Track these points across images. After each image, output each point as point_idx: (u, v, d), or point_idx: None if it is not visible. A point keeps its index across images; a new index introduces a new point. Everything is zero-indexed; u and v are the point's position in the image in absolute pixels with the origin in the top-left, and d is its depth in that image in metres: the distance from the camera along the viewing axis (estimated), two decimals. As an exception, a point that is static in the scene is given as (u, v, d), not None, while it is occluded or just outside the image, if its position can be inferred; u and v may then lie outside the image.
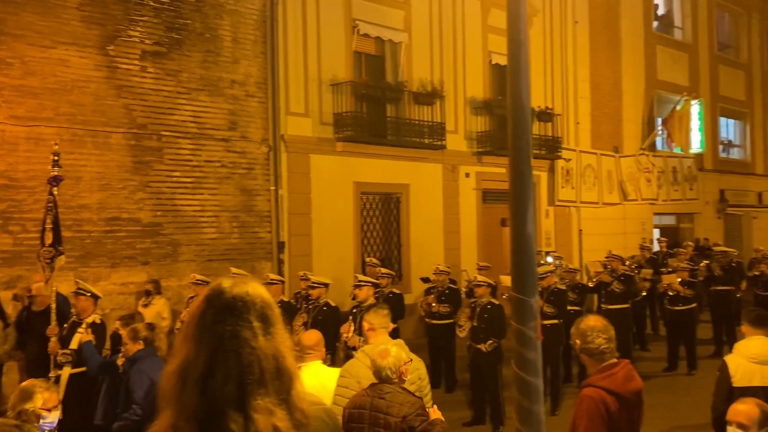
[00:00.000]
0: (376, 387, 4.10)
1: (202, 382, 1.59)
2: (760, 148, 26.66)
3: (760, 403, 3.39)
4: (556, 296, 9.67)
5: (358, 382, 4.42)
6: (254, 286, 1.74)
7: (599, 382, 3.63)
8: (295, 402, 1.66)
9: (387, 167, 14.05)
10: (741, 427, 3.33)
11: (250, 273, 11.56)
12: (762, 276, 13.92)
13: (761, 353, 5.07)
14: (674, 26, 23.34)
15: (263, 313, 1.69)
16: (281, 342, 1.69)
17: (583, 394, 3.62)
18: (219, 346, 1.62)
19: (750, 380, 5.01)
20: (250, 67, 12.35)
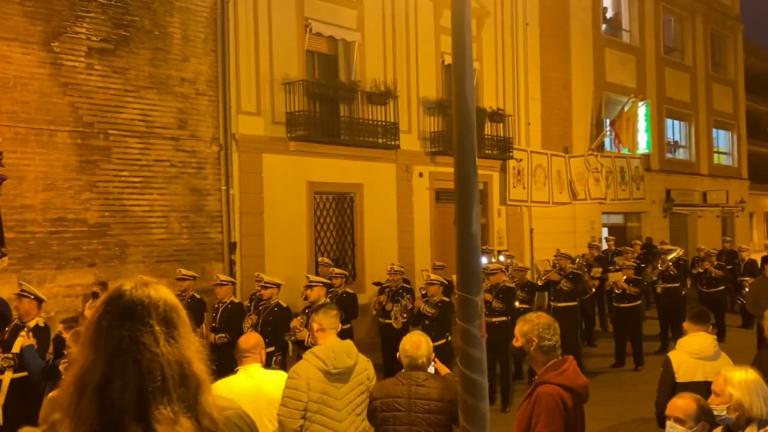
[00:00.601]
0: (410, 376, 4.34)
1: (100, 392, 1.51)
2: (704, 148, 27.44)
3: (698, 398, 3.47)
4: (504, 294, 9.81)
5: (308, 383, 4.40)
6: (158, 288, 1.66)
7: (554, 379, 3.73)
8: (203, 409, 1.58)
9: (340, 167, 14.02)
10: (678, 421, 3.40)
11: (201, 274, 11.42)
12: (706, 273, 14.34)
13: (703, 349, 5.20)
14: (622, 29, 23.86)
15: (166, 317, 1.61)
16: (187, 346, 1.61)
17: (541, 392, 3.69)
18: (117, 352, 1.54)
19: (692, 375, 5.13)
20: (200, 65, 12.18)
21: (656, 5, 24.68)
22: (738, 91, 30.27)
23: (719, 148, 29.52)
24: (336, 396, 4.47)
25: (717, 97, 28.24)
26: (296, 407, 4.36)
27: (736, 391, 3.59)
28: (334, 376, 4.48)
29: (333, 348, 4.54)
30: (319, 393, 4.41)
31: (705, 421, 3.37)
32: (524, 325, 3.92)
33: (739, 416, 3.58)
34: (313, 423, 4.41)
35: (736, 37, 30.18)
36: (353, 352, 4.64)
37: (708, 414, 3.39)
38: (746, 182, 31.09)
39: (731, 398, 3.59)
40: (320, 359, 4.48)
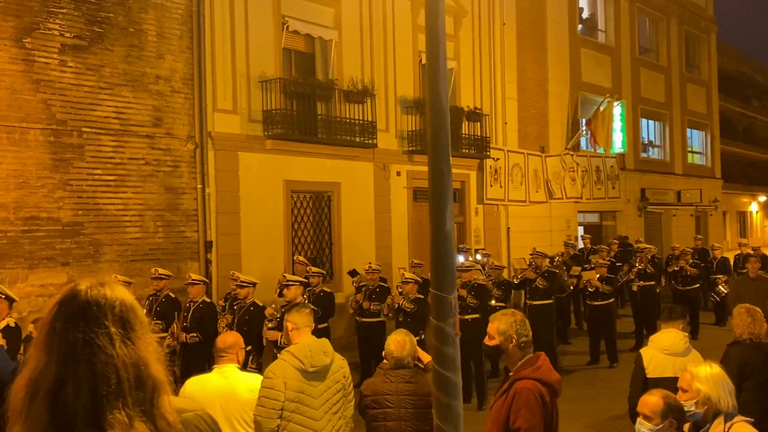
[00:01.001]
0: (397, 374, 4.50)
1: (52, 396, 1.47)
2: (678, 148, 27.79)
3: (667, 395, 3.49)
4: (477, 291, 9.86)
5: (284, 382, 4.37)
6: (114, 288, 1.61)
7: (531, 374, 3.75)
8: (160, 412, 1.54)
9: (318, 165, 13.98)
10: (646, 418, 3.43)
11: (176, 273, 11.32)
12: (681, 271, 14.51)
13: (673, 345, 5.27)
14: (598, 29, 24.07)
15: (123, 318, 1.57)
16: (144, 348, 1.57)
17: (519, 387, 3.70)
18: (71, 354, 1.49)
19: (663, 371, 5.19)
20: (175, 63, 12.07)
21: (631, 6, 24.94)
22: (711, 92, 30.70)
23: (693, 147, 29.92)
24: (313, 395, 4.45)
25: (691, 98, 28.61)
26: (273, 407, 4.33)
27: (704, 386, 3.64)
28: (311, 375, 4.46)
29: (309, 346, 4.53)
30: (296, 392, 4.39)
31: (673, 417, 3.38)
32: (501, 324, 3.89)
33: (707, 410, 3.63)
34: (290, 422, 4.38)
35: (709, 38, 30.60)
36: (329, 350, 4.63)
37: (676, 410, 3.41)
38: (719, 182, 31.54)
39: (699, 393, 3.64)
40: (297, 358, 4.45)
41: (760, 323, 5.54)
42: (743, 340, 5.53)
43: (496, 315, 4.03)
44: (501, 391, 3.89)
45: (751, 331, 5.50)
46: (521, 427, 3.66)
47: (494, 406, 3.94)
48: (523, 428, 3.64)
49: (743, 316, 5.59)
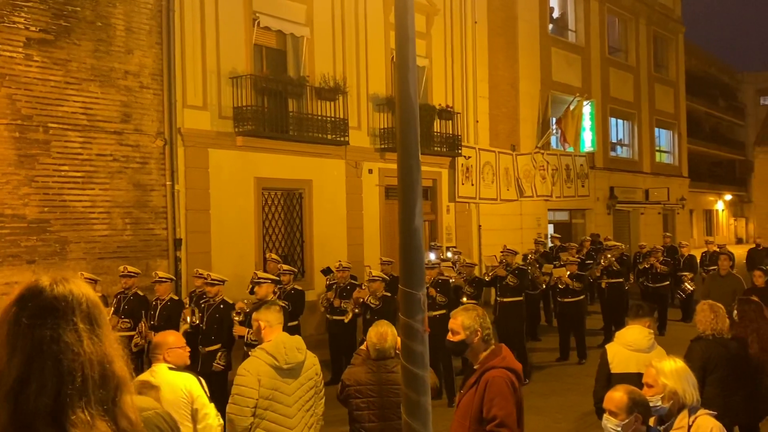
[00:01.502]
0: (379, 365, 4.61)
1: (13, 395, 1.42)
2: (646, 147, 28.18)
3: (631, 390, 3.52)
4: (442, 287, 9.90)
5: (258, 379, 4.36)
6: (78, 283, 1.57)
7: (500, 363, 3.82)
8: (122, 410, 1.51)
9: (289, 163, 13.91)
10: (611, 413, 3.47)
11: (145, 271, 11.19)
12: (652, 269, 14.69)
13: (637, 341, 5.30)
14: (568, 29, 24.30)
15: (90, 314, 1.53)
16: (109, 345, 1.54)
17: (491, 376, 3.75)
18: (37, 352, 1.45)
19: (626, 367, 5.22)
20: (144, 58, 11.93)
21: (601, 6, 25.22)
22: (679, 92, 31.18)
23: (661, 146, 30.37)
24: (286, 392, 4.45)
25: (659, 97, 29.03)
26: (247, 404, 4.31)
27: (670, 381, 3.70)
28: (285, 372, 4.46)
29: (284, 343, 4.52)
30: (270, 389, 4.38)
31: (638, 412, 3.42)
32: (466, 319, 3.93)
33: (673, 404, 3.69)
34: (264, 420, 4.38)
35: (677, 39, 31.07)
36: (303, 347, 4.64)
37: (640, 405, 3.44)
38: (686, 180, 32.07)
39: (665, 388, 3.69)
40: (271, 355, 4.44)
41: (722, 319, 5.64)
42: (706, 336, 5.63)
43: (458, 311, 4.07)
44: (469, 384, 3.92)
45: (714, 327, 5.60)
46: (497, 414, 3.70)
47: (463, 400, 3.95)
48: (499, 416, 3.69)
49: (706, 312, 5.69)
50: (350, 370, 4.85)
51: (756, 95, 56.93)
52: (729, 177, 51.79)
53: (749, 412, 5.77)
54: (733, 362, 5.56)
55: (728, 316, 5.96)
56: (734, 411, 5.52)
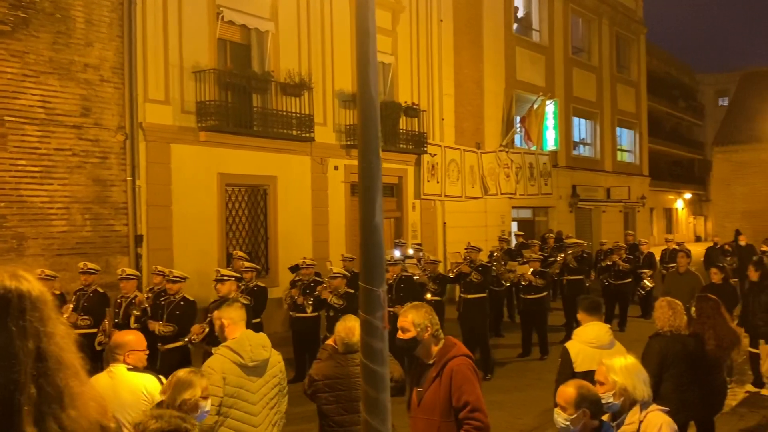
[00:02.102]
0: (347, 358, 4.68)
1: None
2: (608, 146, 28.60)
3: (581, 385, 3.55)
4: (405, 284, 9.93)
5: (223, 377, 4.35)
6: (30, 279, 1.53)
7: (459, 352, 3.92)
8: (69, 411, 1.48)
9: (253, 159, 13.79)
10: (562, 408, 3.50)
11: (105, 268, 11.00)
12: (614, 266, 14.91)
13: (598, 338, 5.32)
14: (532, 29, 24.52)
15: (43, 312, 1.50)
16: (62, 344, 1.50)
17: (454, 366, 3.82)
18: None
19: (591, 364, 5.15)
20: (105, 51, 11.71)
21: (565, 6, 25.49)
22: (640, 92, 31.69)
23: (622, 146, 30.83)
24: (251, 390, 4.44)
25: (621, 97, 29.47)
26: (212, 403, 4.21)
27: (620, 377, 3.75)
28: (250, 370, 4.45)
29: (249, 341, 4.51)
30: (235, 387, 4.38)
31: (586, 408, 3.43)
32: (416, 316, 3.95)
33: (624, 401, 3.74)
34: (228, 418, 4.37)
35: (639, 40, 31.57)
36: (268, 344, 4.64)
37: (589, 401, 3.46)
38: (647, 179, 32.62)
39: (615, 385, 3.74)
40: (236, 353, 4.43)
41: (680, 316, 5.74)
42: (664, 333, 5.73)
43: (406, 308, 4.07)
44: (430, 379, 3.93)
45: (672, 324, 5.70)
46: (469, 400, 3.79)
47: (426, 396, 3.95)
48: (470, 401, 3.79)
49: (664, 309, 5.79)
50: (317, 365, 4.87)
51: (715, 96, 58.20)
52: (688, 176, 52.89)
53: (705, 407, 5.90)
54: (690, 358, 5.67)
55: (686, 312, 6.08)
56: (690, 406, 5.64)
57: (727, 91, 51.31)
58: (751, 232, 27.18)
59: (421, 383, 4.03)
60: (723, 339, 6.22)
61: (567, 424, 3.45)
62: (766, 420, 8.23)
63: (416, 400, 4.05)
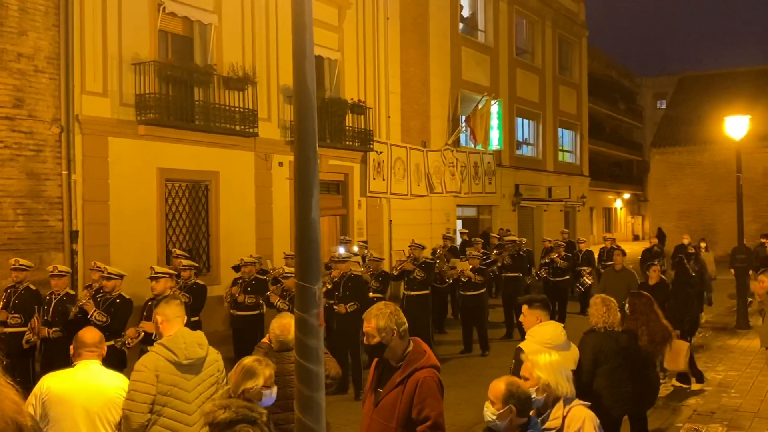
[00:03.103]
0: (281, 356, 4.62)
1: None
2: (550, 147, 29.13)
3: (512, 382, 3.57)
4: (354, 282, 9.91)
5: (156, 375, 4.29)
6: None
7: (427, 362, 3.82)
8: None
9: (195, 153, 13.52)
10: (491, 402, 3.54)
11: (39, 264, 10.63)
12: (552, 263, 15.20)
13: (554, 338, 5.21)
14: (478, 29, 24.77)
15: None
16: None
17: (421, 377, 3.74)
18: None
19: None
20: (39, 40, 11.30)
21: (509, 8, 25.83)
22: (582, 94, 32.38)
23: (564, 146, 31.45)
24: (186, 388, 4.38)
25: (563, 99, 30.06)
26: (144, 401, 4.24)
27: (543, 373, 3.80)
28: (185, 368, 4.39)
29: (184, 338, 4.45)
30: (169, 385, 4.31)
31: (514, 404, 3.46)
32: (380, 320, 3.83)
33: (547, 396, 3.80)
34: (161, 416, 4.31)
35: (581, 43, 32.24)
36: (204, 342, 4.56)
37: (517, 398, 3.48)
38: (587, 179, 33.37)
39: (539, 380, 3.79)
40: (170, 350, 4.37)
41: (613, 313, 5.86)
42: (598, 329, 5.83)
43: (370, 312, 3.92)
44: (393, 384, 3.83)
45: (606, 320, 5.81)
46: (430, 415, 3.70)
47: (386, 400, 3.83)
48: (432, 416, 3.70)
49: (598, 306, 5.89)
50: None
51: (653, 99, 60.03)
52: (627, 177, 54.40)
53: (638, 401, 6.03)
54: (624, 354, 5.79)
55: (620, 309, 6.21)
56: (624, 401, 5.76)
57: (665, 94, 52.95)
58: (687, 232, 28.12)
59: (382, 384, 3.93)
60: (655, 335, 6.39)
61: (493, 419, 3.49)
62: (696, 413, 8.50)
63: (374, 401, 3.93)
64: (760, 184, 32.86)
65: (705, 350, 12.06)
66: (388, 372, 3.93)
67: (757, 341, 9.09)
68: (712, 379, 10.10)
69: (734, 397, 9.13)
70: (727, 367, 10.86)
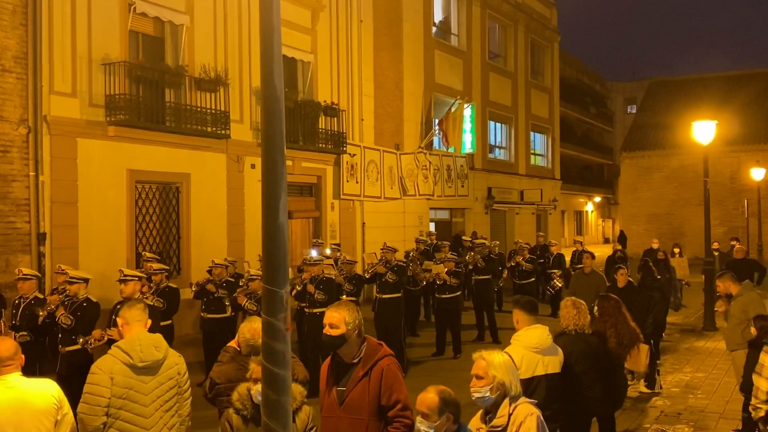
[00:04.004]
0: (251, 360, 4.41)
1: None
2: (522, 150, 29.36)
3: (441, 390, 3.52)
4: (325, 285, 9.89)
5: (111, 377, 4.26)
6: None
7: (387, 352, 4.03)
8: None
9: (165, 155, 13.39)
10: (424, 416, 3.47)
11: (5, 267, 10.45)
12: (518, 266, 15.32)
13: (541, 342, 5.15)
14: (451, 33, 24.89)
15: None
16: None
17: (384, 365, 3.93)
18: None
19: (534, 370, 5.08)
20: (6, 39, 11.12)
21: (482, 12, 26.00)
22: (553, 98, 32.70)
23: (536, 150, 31.73)
24: (143, 391, 4.35)
25: (535, 103, 30.31)
26: (98, 404, 4.21)
27: (499, 373, 3.81)
28: (140, 370, 4.36)
29: (139, 341, 4.41)
30: (124, 388, 4.28)
31: (449, 412, 3.43)
32: (348, 314, 3.98)
33: (499, 395, 3.81)
34: (118, 419, 4.28)
35: (553, 47, 32.55)
36: (162, 345, 4.52)
37: (451, 405, 3.46)
38: (559, 182, 33.70)
39: (494, 379, 3.80)
40: (125, 353, 4.34)
41: (584, 315, 5.91)
42: (569, 331, 5.88)
43: (339, 306, 4.09)
44: (356, 378, 3.94)
45: (576, 323, 5.85)
46: (399, 398, 3.90)
47: (352, 395, 3.94)
48: (401, 399, 3.90)
49: (569, 308, 5.94)
50: (220, 368, 4.78)
51: (624, 104, 60.83)
52: (598, 180, 55.02)
53: (606, 403, 6.09)
54: (594, 356, 5.83)
55: (590, 312, 6.26)
56: (594, 403, 5.81)
57: (635, 99, 53.75)
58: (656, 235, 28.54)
59: (342, 382, 4.01)
60: (623, 337, 6.45)
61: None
62: (663, 414, 8.62)
63: (337, 400, 4.00)
64: (728, 188, 33.51)
65: (672, 352, 12.24)
66: (343, 370, 4.04)
67: (723, 343, 9.24)
68: (678, 380, 10.26)
69: (700, 399, 9.28)
70: (693, 368, 11.04)
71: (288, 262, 2.72)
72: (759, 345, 6.46)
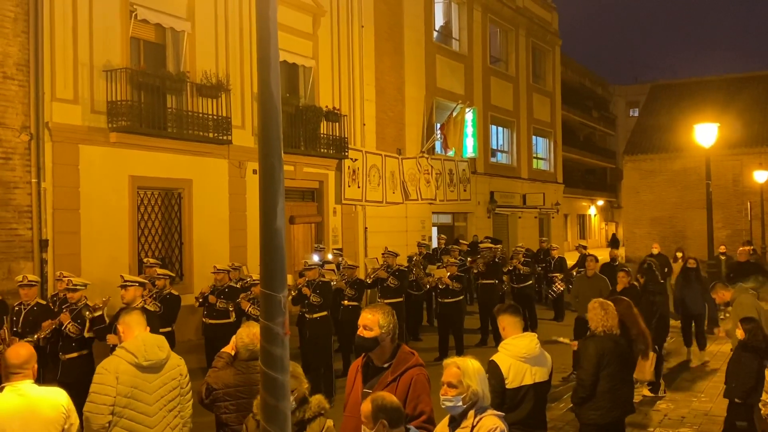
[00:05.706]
0: (248, 366, 4.54)
1: None
2: (524, 154, 29.36)
3: (375, 398, 3.48)
4: (321, 289, 9.89)
5: (117, 377, 4.36)
6: None
7: (417, 362, 4.01)
8: None
9: (167, 161, 13.41)
10: (364, 425, 3.46)
11: (7, 274, 10.46)
12: (515, 270, 15.29)
13: (530, 350, 4.98)
14: (452, 38, 24.92)
15: None
16: None
17: (414, 375, 3.90)
18: None
19: (522, 380, 4.94)
20: (8, 47, 11.16)
21: (483, 16, 26.04)
22: (555, 102, 32.70)
23: (538, 154, 31.72)
24: (147, 390, 4.45)
25: (536, 107, 30.32)
26: (104, 402, 4.30)
27: (473, 382, 3.73)
28: (145, 369, 4.46)
29: (143, 341, 4.53)
30: (129, 387, 4.38)
31: (384, 418, 3.39)
32: (383, 317, 3.99)
33: (471, 405, 3.75)
34: (122, 418, 4.37)
35: (554, 51, 32.58)
36: (164, 345, 4.64)
37: (385, 410, 3.41)
38: (561, 186, 33.67)
39: (468, 389, 3.73)
40: (130, 352, 4.45)
41: (612, 316, 5.88)
42: (598, 333, 5.85)
43: (375, 308, 4.10)
44: (384, 383, 3.93)
45: (605, 324, 5.83)
46: (425, 410, 3.88)
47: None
48: (426, 411, 3.88)
49: (597, 310, 5.90)
50: (216, 373, 4.76)
51: (626, 107, 60.81)
52: (601, 184, 54.98)
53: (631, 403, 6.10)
54: (623, 357, 5.84)
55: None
56: (623, 403, 5.81)
57: (637, 102, 53.64)
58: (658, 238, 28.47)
59: (369, 384, 4.02)
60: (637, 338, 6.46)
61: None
62: (667, 417, 8.59)
63: (361, 401, 3.88)
64: (730, 190, 33.37)
65: (676, 355, 12.20)
66: (373, 373, 4.05)
67: (727, 346, 9.21)
68: (682, 384, 10.22)
69: (704, 402, 9.25)
70: (697, 372, 11.00)
71: (286, 266, 2.71)
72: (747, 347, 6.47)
